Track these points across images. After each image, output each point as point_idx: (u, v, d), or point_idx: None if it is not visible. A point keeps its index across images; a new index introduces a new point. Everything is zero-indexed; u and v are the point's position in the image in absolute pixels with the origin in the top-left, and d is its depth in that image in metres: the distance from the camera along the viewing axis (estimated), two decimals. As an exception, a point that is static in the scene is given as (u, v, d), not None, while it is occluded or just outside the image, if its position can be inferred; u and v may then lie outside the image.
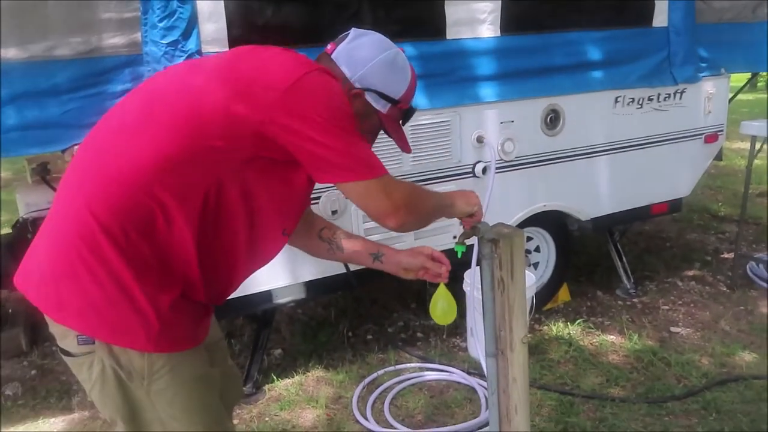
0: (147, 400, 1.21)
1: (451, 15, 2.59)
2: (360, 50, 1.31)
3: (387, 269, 1.56)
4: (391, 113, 1.34)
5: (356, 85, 1.30)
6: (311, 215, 1.58)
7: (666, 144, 3.28)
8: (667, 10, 3.11)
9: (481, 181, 2.78)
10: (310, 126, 1.14)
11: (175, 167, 1.12)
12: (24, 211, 3.03)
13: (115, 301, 1.15)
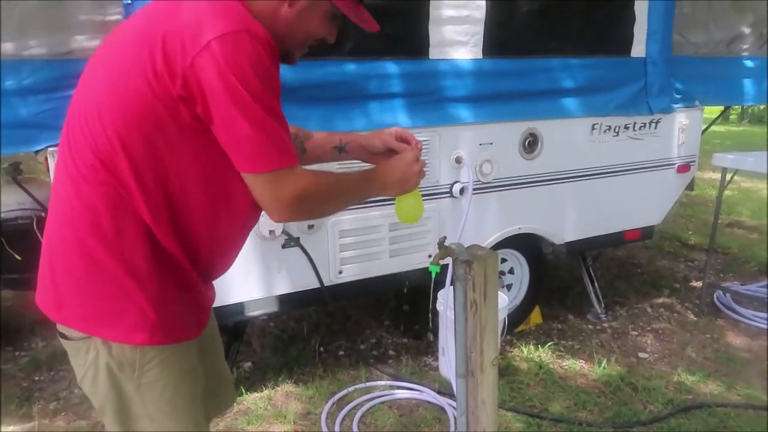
0: (137, 393, 1.21)
1: (435, 36, 2.62)
2: None
3: (355, 157, 1.50)
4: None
5: None
6: None
7: (640, 172, 3.35)
8: (645, 41, 3.18)
9: (458, 201, 2.80)
10: (211, 100, 1.06)
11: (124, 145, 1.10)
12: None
13: (107, 291, 1.16)
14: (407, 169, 1.34)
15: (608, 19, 3.07)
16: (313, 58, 2.38)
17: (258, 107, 1.06)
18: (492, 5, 2.69)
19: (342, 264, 2.65)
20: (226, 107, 1.05)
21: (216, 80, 1.03)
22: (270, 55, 1.08)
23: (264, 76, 1.07)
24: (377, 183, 1.32)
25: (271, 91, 1.09)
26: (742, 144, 11.46)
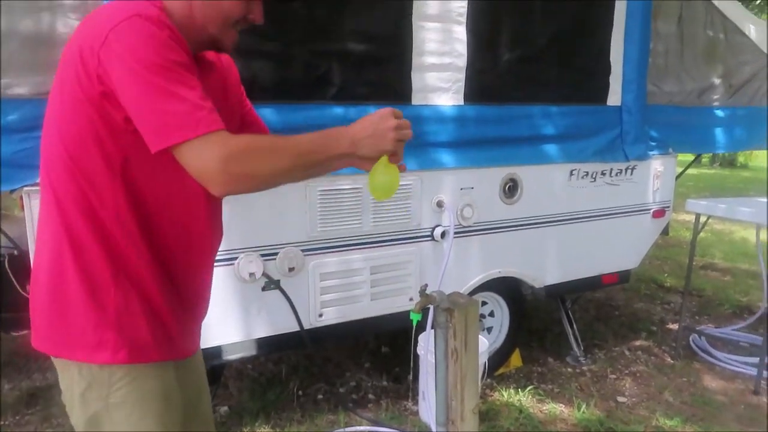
0: (106, 414, 1.19)
1: (417, 82, 2.67)
2: None
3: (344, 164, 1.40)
4: None
5: None
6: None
7: (617, 217, 3.41)
8: (621, 91, 3.28)
9: (440, 245, 2.81)
10: (119, 87, 1.07)
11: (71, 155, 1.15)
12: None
13: (71, 310, 1.18)
14: (381, 123, 1.19)
15: (585, 69, 3.17)
16: (297, 102, 2.41)
17: (161, 80, 1.04)
18: (473, 54, 2.76)
19: (322, 307, 2.63)
20: (130, 89, 1.05)
21: (118, 67, 1.05)
22: (165, 31, 1.08)
23: (161, 50, 1.06)
24: (344, 139, 1.17)
25: (175, 64, 1.07)
26: (714, 187, 11.77)
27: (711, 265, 5.97)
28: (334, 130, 1.18)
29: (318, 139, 1.15)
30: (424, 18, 2.62)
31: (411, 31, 2.60)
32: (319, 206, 2.50)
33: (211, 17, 1.20)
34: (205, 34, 1.22)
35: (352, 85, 2.52)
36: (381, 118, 1.18)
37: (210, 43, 1.25)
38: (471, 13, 2.72)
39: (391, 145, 1.18)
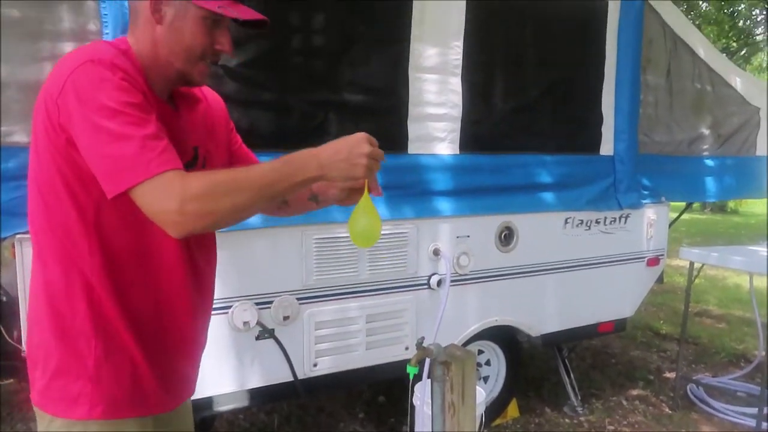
0: None
1: (414, 131, 2.70)
2: None
3: (331, 202, 1.41)
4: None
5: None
6: None
7: (612, 265, 3.41)
8: (613, 140, 3.34)
9: (436, 293, 2.80)
10: (74, 132, 1.08)
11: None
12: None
13: (50, 363, 1.18)
14: (355, 148, 1.14)
15: (578, 119, 3.23)
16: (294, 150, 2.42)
17: (112, 124, 1.04)
18: (468, 104, 2.80)
19: (317, 356, 2.59)
20: (85, 135, 1.05)
21: (74, 114, 1.06)
22: (117, 74, 1.08)
23: (113, 93, 1.06)
24: (312, 164, 1.12)
25: (128, 106, 1.06)
26: (706, 232, 11.86)
27: (706, 312, 5.95)
28: (301, 155, 1.14)
29: (283, 166, 1.12)
30: (420, 69, 2.68)
31: (407, 81, 2.65)
32: (315, 254, 2.49)
33: (175, 52, 1.19)
34: (172, 69, 1.21)
35: (349, 134, 2.54)
36: (355, 143, 1.16)
37: (179, 78, 1.24)
38: (466, 64, 2.78)
39: (362, 171, 1.16)
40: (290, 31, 2.38)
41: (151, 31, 1.19)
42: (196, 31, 1.19)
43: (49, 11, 2.04)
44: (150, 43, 1.19)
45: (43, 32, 2.03)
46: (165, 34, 1.19)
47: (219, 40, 1.22)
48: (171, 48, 1.19)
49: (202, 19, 1.18)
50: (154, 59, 1.20)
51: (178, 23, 1.18)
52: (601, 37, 3.23)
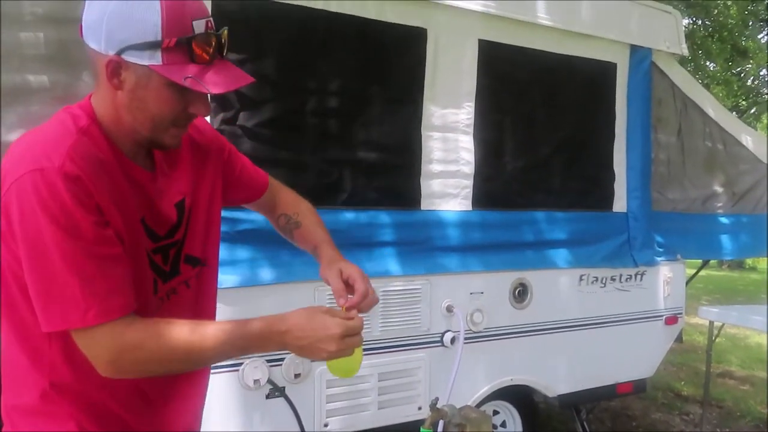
0: None
1: (426, 188, 2.73)
2: (94, 11, 1.02)
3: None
4: (170, 59, 1.01)
5: (110, 53, 1.01)
6: (276, 195, 1.51)
7: (629, 324, 3.35)
8: (626, 197, 3.34)
9: (449, 351, 2.75)
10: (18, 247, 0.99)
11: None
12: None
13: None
14: (320, 343, 1.07)
15: (590, 176, 3.25)
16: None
17: (56, 257, 0.96)
18: (480, 162, 2.84)
19: (328, 416, 2.53)
20: (26, 258, 0.98)
21: (16, 228, 0.98)
22: (68, 189, 0.97)
23: (59, 218, 0.96)
24: (272, 344, 1.09)
25: (73, 235, 0.97)
26: (724, 289, 11.64)
27: (728, 373, 5.78)
28: (263, 332, 1.07)
29: (238, 340, 1.06)
30: (432, 128, 2.73)
31: (420, 140, 2.70)
32: (327, 310, 2.48)
33: (139, 120, 1.07)
34: (139, 136, 1.09)
35: (363, 191, 2.59)
36: (326, 338, 1.06)
37: (149, 143, 1.12)
38: (477, 123, 2.83)
39: (329, 356, 1.09)
40: (307, 92, 2.45)
41: (112, 95, 1.06)
42: (162, 100, 1.05)
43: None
44: (111, 108, 1.07)
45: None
46: (127, 101, 1.05)
47: (193, 105, 1.09)
48: (134, 116, 1.07)
49: (169, 85, 1.03)
50: (118, 124, 1.08)
51: (141, 91, 1.04)
52: (611, 96, 3.29)
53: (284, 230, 1.48)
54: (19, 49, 2.08)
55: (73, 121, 1.06)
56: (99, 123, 1.08)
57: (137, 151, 1.13)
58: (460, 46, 2.77)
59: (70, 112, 1.08)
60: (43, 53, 2.12)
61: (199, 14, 1.04)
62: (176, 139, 1.13)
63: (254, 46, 2.32)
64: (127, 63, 1.01)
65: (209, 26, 1.05)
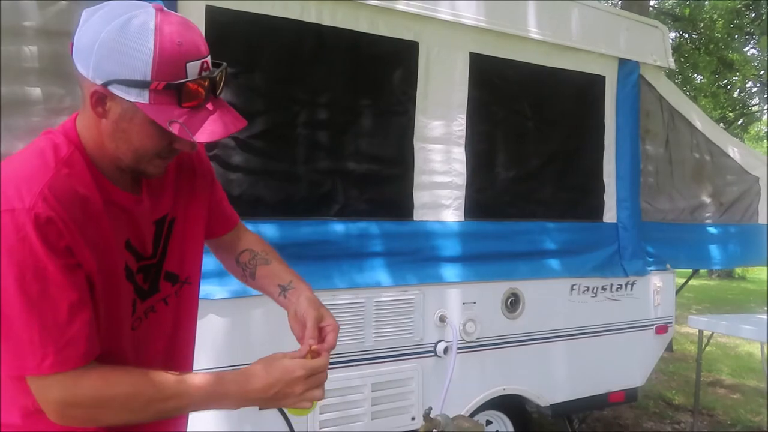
0: None
1: (419, 199, 2.76)
2: (86, 34, 0.99)
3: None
4: (158, 99, 0.98)
5: (97, 82, 0.99)
6: (242, 234, 1.42)
7: (620, 333, 3.38)
8: (616, 208, 3.38)
9: (443, 360, 2.76)
10: None
11: None
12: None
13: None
14: (290, 387, 1.06)
15: (580, 187, 3.29)
16: (300, 218, 2.47)
17: (19, 300, 0.95)
18: (472, 173, 2.87)
19: (321, 426, 2.53)
20: None
21: None
22: (39, 231, 0.95)
23: (27, 261, 0.95)
24: (230, 400, 1.07)
25: (41, 280, 0.96)
26: (714, 298, 11.72)
27: (719, 382, 5.81)
28: (222, 387, 1.06)
29: (197, 393, 1.05)
30: (424, 140, 2.76)
31: (412, 151, 2.73)
32: (320, 321, 2.48)
33: (122, 150, 1.05)
34: (122, 163, 1.08)
35: (355, 202, 2.61)
36: (289, 382, 1.06)
37: (132, 171, 1.10)
38: (469, 134, 2.87)
39: (297, 399, 1.08)
40: (299, 104, 2.48)
41: (96, 121, 1.04)
42: (146, 135, 1.03)
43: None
44: (95, 132, 1.06)
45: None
46: (110, 130, 1.04)
47: (178, 142, 1.06)
48: (117, 145, 1.05)
49: (154, 123, 1.00)
50: (101, 149, 1.07)
51: (125, 124, 1.02)
52: (600, 108, 3.34)
53: (245, 266, 1.37)
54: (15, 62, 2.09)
55: (54, 153, 1.03)
56: (83, 148, 1.07)
57: (121, 175, 1.11)
58: (452, 59, 2.81)
59: (52, 141, 1.05)
60: (36, 66, 2.14)
61: (194, 55, 1.00)
62: (160, 168, 1.12)
63: (247, 58, 2.34)
64: (113, 95, 0.99)
65: (204, 67, 1.01)
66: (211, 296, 2.21)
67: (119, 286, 1.11)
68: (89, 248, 1.03)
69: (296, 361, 1.08)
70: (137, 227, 1.14)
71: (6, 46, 2.06)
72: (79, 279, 1.01)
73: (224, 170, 2.31)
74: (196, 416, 1.38)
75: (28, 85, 2.13)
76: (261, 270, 1.35)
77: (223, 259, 1.44)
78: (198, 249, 1.31)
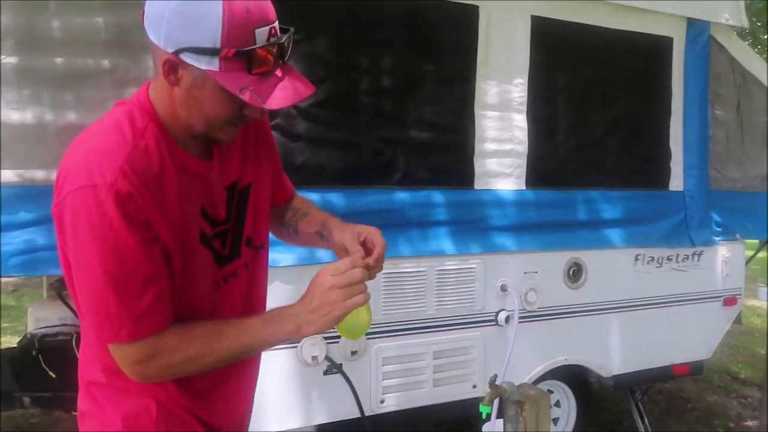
0: None
1: (479, 167, 2.72)
2: (156, 3, 1.00)
3: (329, 247, 1.30)
4: (228, 66, 0.99)
5: (168, 51, 1.00)
6: (293, 199, 1.46)
7: (686, 304, 3.28)
8: (682, 176, 3.26)
9: (503, 330, 2.76)
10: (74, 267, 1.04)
11: None
12: (33, 326, 2.99)
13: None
14: (327, 296, 1.06)
15: (645, 154, 3.18)
16: (363, 187, 2.48)
17: (99, 273, 1.00)
18: (534, 140, 2.81)
19: (384, 393, 2.57)
20: (75, 267, 1.03)
21: (68, 239, 1.03)
22: (119, 207, 0.99)
23: (108, 235, 0.99)
24: (285, 318, 1.10)
25: (117, 254, 1.00)
26: (781, 272, 11.19)
27: (787, 357, 5.58)
28: (273, 312, 1.13)
29: (254, 320, 1.13)
30: (485, 107, 2.71)
31: (473, 119, 2.69)
32: (383, 289, 2.51)
33: (194, 117, 1.08)
34: (194, 130, 1.10)
35: (416, 171, 2.60)
36: (320, 284, 1.07)
37: (204, 138, 1.13)
38: (531, 101, 2.80)
39: (343, 309, 1.06)
40: (360, 71, 2.47)
41: (169, 89, 1.06)
42: (217, 103, 1.04)
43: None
44: (168, 101, 1.08)
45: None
46: (182, 98, 1.06)
47: (249, 108, 1.07)
48: (189, 113, 1.07)
49: (224, 90, 1.02)
50: (174, 117, 1.09)
51: (197, 92, 1.04)
52: (667, 72, 3.20)
53: (288, 224, 1.40)
54: (81, 34, 2.14)
55: (130, 125, 1.06)
56: (157, 117, 1.09)
57: (194, 142, 1.13)
58: (513, 23, 2.73)
59: (127, 113, 1.08)
60: (103, 38, 2.19)
61: (262, 21, 1.00)
62: (231, 135, 1.14)
63: (307, 26, 2.34)
64: (185, 63, 1.00)
65: (273, 33, 1.01)
66: (277, 263, 2.26)
67: (195, 252, 1.14)
68: (165, 220, 1.06)
69: (323, 268, 1.09)
70: (210, 193, 1.17)
71: (74, 18, 2.12)
72: (156, 252, 1.05)
73: (286, 139, 2.34)
74: (266, 391, 1.37)
75: (95, 57, 2.18)
76: (301, 224, 1.37)
77: (273, 226, 1.44)
78: (267, 216, 1.34)
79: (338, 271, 1.07)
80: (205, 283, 1.18)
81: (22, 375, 2.86)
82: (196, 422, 1.21)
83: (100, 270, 1.00)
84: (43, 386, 2.85)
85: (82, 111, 2.13)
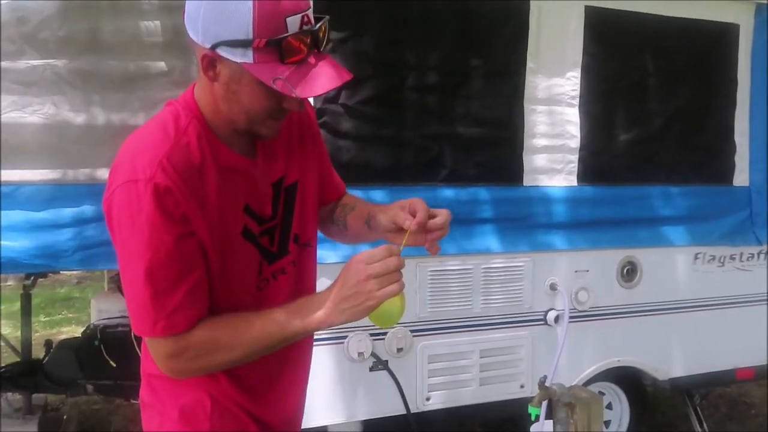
0: None
1: (529, 163, 2.66)
2: (193, 1, 1.02)
3: (378, 236, 1.27)
4: (261, 57, 0.99)
5: (206, 46, 1.01)
6: (343, 197, 1.45)
7: (750, 306, 3.12)
8: (748, 170, 3.09)
9: (553, 330, 2.69)
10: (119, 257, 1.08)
11: None
12: (96, 317, 3.13)
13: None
14: (362, 286, 1.02)
15: (707, 148, 3.03)
16: (409, 184, 2.47)
17: (138, 267, 1.03)
18: (587, 135, 2.72)
19: (430, 390, 2.56)
20: (119, 259, 1.07)
21: (114, 232, 1.07)
22: (158, 201, 1.01)
23: (146, 229, 1.01)
24: (320, 303, 1.07)
25: (155, 250, 1.02)
26: None
27: None
28: (308, 299, 1.11)
29: (285, 309, 1.10)
30: (535, 101, 2.65)
31: (523, 114, 2.63)
32: (429, 286, 2.49)
33: (235, 113, 1.08)
34: (236, 125, 1.11)
35: (463, 167, 2.56)
36: (354, 272, 1.03)
37: (247, 133, 1.13)
38: (584, 94, 2.71)
39: (378, 297, 1.02)
40: (406, 67, 2.45)
41: (210, 86, 1.08)
42: (255, 96, 1.05)
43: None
44: (210, 97, 1.10)
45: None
46: (222, 93, 1.07)
47: (287, 101, 1.07)
48: (230, 108, 1.08)
49: (261, 83, 1.01)
50: (216, 113, 1.11)
51: (235, 86, 1.04)
52: (733, 61, 3.03)
53: (337, 220, 1.38)
54: (139, 37, 2.22)
55: (174, 123, 1.09)
56: (201, 115, 1.11)
57: (238, 139, 1.14)
58: (565, 14, 2.65)
59: (173, 112, 1.11)
60: (160, 40, 2.26)
61: (294, 9, 0.98)
62: (273, 130, 1.13)
63: (353, 23, 2.33)
64: (222, 57, 1.01)
65: (305, 21, 1.00)
66: (324, 260, 2.27)
67: (238, 249, 1.16)
68: (204, 216, 1.07)
69: (357, 255, 1.05)
70: (255, 190, 1.18)
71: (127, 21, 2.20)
72: (192, 246, 1.07)
73: (333, 137, 2.35)
74: (312, 386, 1.40)
75: (151, 60, 2.26)
76: (350, 218, 1.35)
77: (323, 224, 1.43)
78: (315, 213, 1.34)
79: (373, 259, 1.03)
80: (249, 280, 1.20)
81: (86, 363, 3.00)
82: (248, 418, 1.24)
83: (138, 263, 1.03)
84: (104, 375, 2.98)
85: (141, 112, 2.22)
